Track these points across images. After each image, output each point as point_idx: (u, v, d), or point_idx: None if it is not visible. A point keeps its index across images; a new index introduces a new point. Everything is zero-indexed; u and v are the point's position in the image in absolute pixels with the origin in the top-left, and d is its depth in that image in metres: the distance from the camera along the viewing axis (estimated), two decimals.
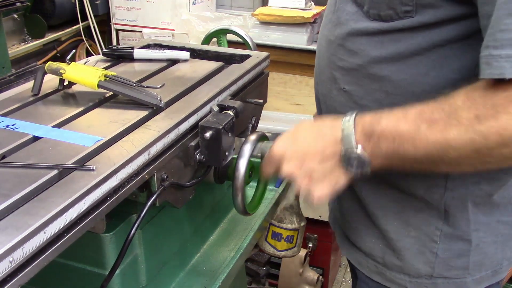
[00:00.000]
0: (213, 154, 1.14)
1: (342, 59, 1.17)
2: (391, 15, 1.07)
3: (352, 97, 1.17)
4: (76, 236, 0.84)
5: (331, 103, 1.23)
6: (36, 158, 0.93)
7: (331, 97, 1.23)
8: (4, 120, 1.07)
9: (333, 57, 1.20)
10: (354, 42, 1.14)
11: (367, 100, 1.15)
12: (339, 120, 1.04)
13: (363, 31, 1.12)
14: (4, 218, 0.77)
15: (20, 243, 0.72)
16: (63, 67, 1.18)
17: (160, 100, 1.14)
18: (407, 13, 1.04)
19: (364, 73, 1.14)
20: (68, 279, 1.18)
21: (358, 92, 1.16)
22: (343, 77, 1.18)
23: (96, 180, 0.87)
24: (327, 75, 1.23)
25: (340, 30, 1.17)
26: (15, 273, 0.73)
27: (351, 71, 1.16)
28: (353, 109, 1.08)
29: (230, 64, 1.49)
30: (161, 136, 1.04)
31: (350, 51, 1.15)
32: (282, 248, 1.58)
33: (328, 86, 1.24)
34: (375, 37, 1.11)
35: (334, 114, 1.18)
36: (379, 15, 1.08)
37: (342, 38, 1.16)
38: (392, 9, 1.06)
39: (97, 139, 1.00)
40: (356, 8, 1.14)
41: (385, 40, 1.10)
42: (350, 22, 1.15)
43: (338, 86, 1.20)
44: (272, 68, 1.56)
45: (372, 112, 1.02)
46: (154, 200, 1.03)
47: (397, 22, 1.06)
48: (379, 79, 1.12)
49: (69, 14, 3.20)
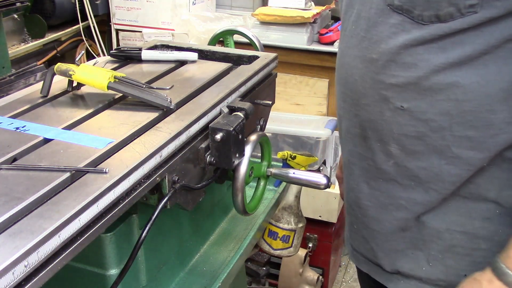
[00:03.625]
0: (224, 156, 1.13)
1: (395, 75, 1.08)
2: (451, 13, 0.98)
3: (413, 114, 1.08)
4: (90, 239, 0.84)
5: (386, 127, 1.13)
6: (47, 161, 0.92)
7: (383, 120, 1.13)
8: (14, 122, 1.07)
9: (381, 75, 1.10)
10: (409, 54, 1.05)
11: (432, 114, 1.07)
12: (495, 280, 1.03)
13: (419, 40, 1.03)
14: (18, 222, 0.76)
15: (35, 247, 0.72)
16: (72, 69, 1.17)
17: (170, 102, 1.14)
18: (472, 8, 0.96)
19: (426, 84, 1.05)
20: (68, 279, 1.17)
21: (419, 107, 1.07)
22: (398, 95, 1.09)
23: (109, 183, 0.86)
24: (374, 97, 1.13)
25: (386, 45, 1.07)
26: (30, 278, 0.72)
27: (408, 86, 1.07)
28: (416, 127, 1.07)
29: (239, 65, 1.49)
30: (172, 138, 1.03)
31: (404, 65, 1.06)
32: (277, 247, 1.58)
33: (377, 110, 1.13)
34: (434, 44, 1.02)
35: (389, 138, 1.13)
36: (437, 16, 1.00)
37: (392, 53, 1.07)
38: (453, 5, 0.97)
39: (109, 141, 0.99)
40: (402, 17, 1.04)
41: (446, 45, 1.02)
42: (398, 33, 1.05)
43: (393, 105, 1.10)
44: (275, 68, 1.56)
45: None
46: (166, 202, 1.03)
47: (459, 21, 0.98)
48: (444, 87, 1.04)
49: (69, 14, 3.20)
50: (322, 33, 3.12)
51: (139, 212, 1.15)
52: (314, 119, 2.93)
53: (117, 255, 1.13)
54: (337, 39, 3.05)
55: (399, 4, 1.03)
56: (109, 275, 1.14)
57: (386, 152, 1.15)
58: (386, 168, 1.17)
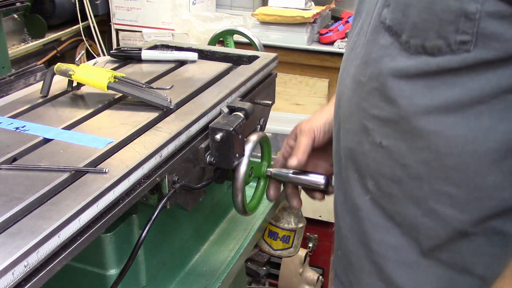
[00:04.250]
0: (224, 156, 1.13)
1: (377, 106, 0.93)
2: (440, 47, 0.81)
3: (392, 154, 0.94)
4: (90, 239, 0.84)
5: (363, 160, 1.00)
6: (47, 161, 0.92)
7: (362, 152, 0.99)
8: (14, 122, 1.06)
9: (365, 102, 0.96)
10: (392, 87, 0.89)
11: (411, 160, 0.91)
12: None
13: (403, 72, 0.87)
14: (18, 222, 0.76)
15: (34, 247, 0.72)
16: (72, 68, 1.17)
17: (170, 102, 1.14)
18: (463, 45, 0.79)
19: (407, 126, 0.89)
20: (68, 279, 1.17)
21: (399, 148, 0.92)
22: (379, 129, 0.94)
23: (109, 183, 0.86)
24: (356, 124, 1.00)
25: (373, 69, 0.92)
26: (29, 278, 0.72)
27: (389, 123, 0.92)
28: (393, 169, 0.94)
29: (239, 65, 1.48)
30: (172, 138, 1.03)
31: (387, 98, 0.91)
32: (277, 247, 1.57)
33: (357, 139, 1.00)
34: (420, 81, 0.86)
35: (366, 173, 1.00)
36: (424, 47, 0.83)
37: (376, 80, 0.92)
38: (442, 38, 0.81)
39: (108, 141, 0.99)
40: (391, 40, 0.88)
41: (433, 84, 0.85)
42: (384, 58, 0.90)
43: (372, 139, 0.96)
44: (275, 68, 1.56)
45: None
46: (165, 203, 1.03)
47: (447, 58, 0.81)
48: (427, 134, 0.88)
49: (69, 14, 3.20)
50: (322, 33, 3.12)
51: (139, 212, 1.15)
52: None
53: (117, 255, 1.13)
54: (337, 39, 3.06)
55: (390, 24, 0.89)
56: (109, 275, 1.14)
57: (363, 185, 1.02)
58: (361, 204, 1.03)
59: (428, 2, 0.80)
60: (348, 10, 3.28)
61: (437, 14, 0.80)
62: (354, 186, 1.04)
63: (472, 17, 0.77)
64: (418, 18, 0.83)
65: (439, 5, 0.79)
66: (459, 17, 0.78)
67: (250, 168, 1.25)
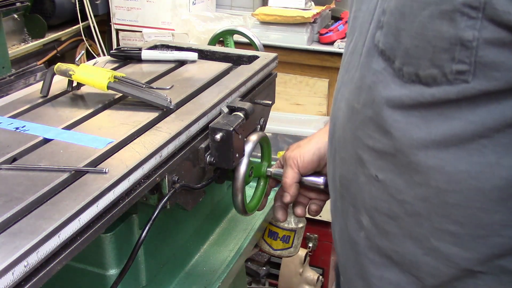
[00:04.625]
0: (224, 156, 1.13)
1: (372, 137, 0.86)
2: (435, 77, 0.74)
3: (387, 188, 0.87)
4: (89, 239, 0.84)
5: (358, 193, 0.93)
6: (47, 161, 0.92)
7: (357, 184, 0.93)
8: (14, 122, 1.07)
9: (359, 131, 0.89)
10: (386, 117, 0.82)
11: (409, 196, 0.84)
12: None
13: (397, 101, 0.80)
14: (18, 222, 0.76)
15: (34, 247, 0.72)
16: (72, 68, 1.17)
17: (170, 102, 1.14)
18: (460, 75, 0.71)
19: (404, 160, 0.82)
20: (68, 279, 1.17)
21: (396, 183, 0.85)
22: (375, 161, 0.88)
23: (109, 183, 0.86)
24: (351, 153, 0.93)
25: (367, 96, 0.85)
26: (29, 278, 0.72)
27: (385, 155, 0.85)
28: (389, 204, 0.87)
29: (239, 65, 1.48)
30: (172, 138, 1.03)
31: (381, 129, 0.83)
32: (277, 247, 1.57)
33: (352, 169, 0.93)
34: (416, 112, 0.78)
35: (361, 207, 0.94)
36: (417, 76, 0.76)
37: (370, 108, 0.84)
38: (437, 67, 0.73)
39: (108, 141, 0.99)
40: (385, 65, 0.81)
41: (430, 116, 0.77)
42: (378, 85, 0.82)
43: (368, 171, 0.89)
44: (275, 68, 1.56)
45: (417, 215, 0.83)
46: (165, 202, 1.03)
47: (444, 88, 0.74)
48: (425, 169, 0.81)
49: (69, 14, 3.20)
50: (322, 33, 3.12)
51: (139, 212, 1.15)
52: (314, 119, 2.93)
53: (117, 255, 1.13)
54: (337, 39, 3.06)
55: (383, 48, 0.81)
56: (109, 275, 1.14)
57: (358, 220, 0.96)
58: (357, 239, 0.98)
59: (420, 27, 0.73)
60: (348, 10, 3.27)
61: (430, 41, 0.73)
62: (350, 219, 0.99)
63: (469, 45, 0.69)
64: (410, 44, 0.75)
65: (431, 31, 0.72)
66: (455, 45, 0.70)
67: (250, 168, 1.25)
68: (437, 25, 0.71)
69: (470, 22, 0.68)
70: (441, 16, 0.70)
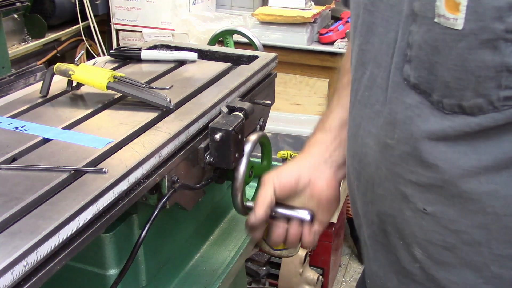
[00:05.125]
0: (223, 156, 1.13)
1: (414, 172, 0.83)
2: (480, 106, 0.72)
3: (439, 221, 0.84)
4: (89, 239, 0.84)
5: (406, 228, 0.90)
6: (47, 161, 0.92)
7: (404, 219, 0.89)
8: (14, 122, 1.07)
9: (398, 168, 0.85)
10: (428, 150, 0.79)
11: (464, 225, 0.82)
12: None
13: (439, 134, 0.77)
14: (17, 222, 0.76)
15: (34, 247, 0.72)
16: (71, 68, 1.17)
17: (170, 102, 1.14)
18: (508, 101, 0.70)
19: (454, 190, 0.80)
20: (68, 279, 1.17)
21: (447, 214, 0.83)
22: (421, 195, 0.84)
23: (109, 183, 0.86)
24: (391, 190, 0.89)
25: (402, 132, 0.82)
26: (29, 277, 0.72)
27: (431, 188, 0.82)
28: (443, 236, 0.85)
29: (238, 65, 1.48)
30: (171, 138, 1.03)
31: (423, 162, 0.81)
32: (277, 247, 1.57)
33: (396, 205, 0.90)
34: (462, 141, 0.76)
35: (412, 241, 0.90)
36: (461, 107, 0.74)
37: (407, 143, 0.82)
38: (482, 97, 0.71)
39: (108, 141, 0.99)
40: (420, 98, 0.78)
41: (478, 143, 0.75)
42: (414, 119, 0.80)
43: (414, 206, 0.86)
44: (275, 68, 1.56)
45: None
46: (165, 202, 1.03)
47: (493, 115, 0.71)
48: (479, 197, 0.78)
49: (69, 14, 3.20)
50: (322, 33, 3.13)
51: (139, 212, 1.14)
52: (314, 119, 2.92)
53: (117, 255, 1.13)
54: (337, 39, 3.06)
55: (415, 83, 0.78)
56: (109, 275, 1.14)
57: (410, 253, 0.92)
58: (412, 270, 0.94)
59: (459, 59, 0.71)
60: (348, 10, 3.28)
61: (472, 72, 0.70)
62: (401, 252, 0.94)
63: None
64: (450, 77, 0.73)
65: (473, 62, 0.70)
66: (500, 72, 0.69)
67: (250, 168, 1.25)
68: (478, 55, 0.69)
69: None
70: (482, 46, 0.69)
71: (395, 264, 0.97)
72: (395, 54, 0.82)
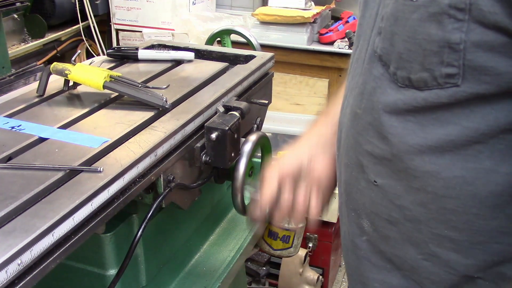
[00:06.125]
0: (219, 155, 1.13)
1: (371, 142, 0.86)
2: (425, 80, 0.74)
3: (386, 194, 0.87)
4: (84, 238, 0.84)
5: (359, 198, 0.93)
6: (42, 160, 0.93)
7: (358, 189, 0.93)
8: (10, 121, 1.07)
9: (360, 137, 0.88)
10: (384, 123, 0.82)
11: (407, 201, 0.84)
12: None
13: (392, 106, 0.80)
14: (12, 220, 0.76)
15: (28, 246, 0.72)
16: (68, 68, 1.17)
17: (166, 101, 1.14)
18: (450, 79, 0.71)
19: (401, 165, 0.82)
20: (68, 279, 1.18)
21: (394, 188, 0.85)
22: (374, 167, 0.87)
23: (104, 182, 0.87)
24: (353, 159, 0.92)
25: (367, 102, 0.85)
26: (23, 276, 0.72)
27: (383, 161, 0.85)
28: (389, 210, 0.87)
29: (235, 64, 1.49)
30: (167, 138, 1.04)
31: (379, 134, 0.84)
32: (277, 247, 1.57)
33: (353, 174, 0.93)
34: (411, 117, 0.78)
35: (362, 212, 0.93)
36: (409, 79, 0.76)
37: (370, 114, 0.84)
38: (427, 71, 0.73)
39: (104, 140, 0.99)
40: (383, 70, 0.80)
41: (426, 121, 0.77)
42: (376, 90, 0.82)
43: (367, 177, 0.89)
44: (272, 68, 1.56)
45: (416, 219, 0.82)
46: (161, 201, 1.03)
47: (435, 92, 0.74)
48: (422, 175, 0.80)
49: (69, 14, 3.20)
50: (322, 33, 3.12)
51: (139, 212, 1.15)
52: None
53: (117, 255, 1.13)
54: (337, 39, 3.06)
55: (380, 54, 0.81)
56: (108, 275, 1.14)
57: (359, 225, 0.95)
58: (358, 243, 0.97)
59: (411, 31, 0.73)
60: (348, 10, 3.27)
61: (420, 44, 0.72)
62: (352, 224, 0.97)
63: (456, 47, 0.69)
64: (403, 48, 0.75)
65: (421, 34, 0.72)
66: (443, 48, 0.70)
67: (250, 168, 1.24)
68: (426, 28, 0.71)
69: (457, 25, 0.68)
70: (429, 18, 0.70)
71: (347, 237, 1.00)
72: (374, 27, 0.84)
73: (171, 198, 1.08)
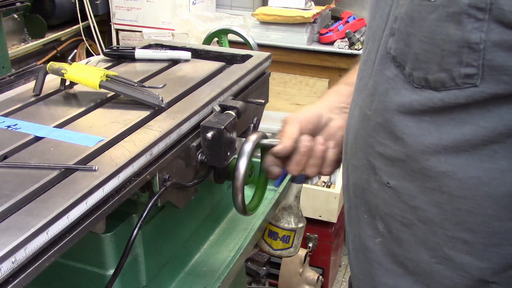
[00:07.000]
0: (215, 154, 1.14)
1: (383, 144, 0.85)
2: (443, 81, 0.73)
3: (400, 196, 0.86)
4: (79, 236, 0.84)
5: (372, 200, 0.92)
6: (38, 159, 0.93)
7: (370, 191, 0.91)
8: (6, 121, 1.07)
9: (371, 139, 0.88)
10: (397, 123, 0.81)
11: (422, 202, 0.83)
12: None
13: (407, 107, 0.79)
14: (6, 219, 0.77)
15: (22, 244, 0.72)
16: (64, 67, 1.18)
17: (162, 100, 1.14)
18: (468, 79, 0.71)
19: (415, 166, 0.82)
20: (68, 279, 1.18)
21: (408, 189, 0.84)
22: (386, 168, 0.87)
23: (98, 181, 0.87)
24: (363, 161, 0.91)
25: (379, 103, 0.84)
26: (17, 274, 0.73)
27: (396, 162, 0.84)
28: (402, 212, 0.86)
29: (232, 64, 1.49)
30: (163, 137, 1.04)
31: (392, 135, 0.83)
32: (277, 247, 1.57)
33: (364, 177, 0.92)
34: (427, 117, 0.78)
35: (376, 214, 0.92)
36: (426, 80, 0.75)
37: (381, 114, 0.84)
38: (445, 71, 0.72)
39: (99, 140, 0.99)
40: (397, 71, 0.80)
41: (441, 121, 0.77)
42: (389, 92, 0.82)
43: (379, 179, 0.88)
44: (272, 68, 1.56)
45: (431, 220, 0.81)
46: (156, 200, 1.03)
47: (453, 92, 0.73)
48: (437, 176, 0.80)
49: (69, 14, 3.21)
50: (322, 33, 3.12)
51: (139, 212, 1.15)
52: None
53: (116, 255, 1.13)
54: (337, 39, 3.06)
55: (394, 55, 0.80)
56: (108, 275, 1.14)
57: (374, 227, 0.94)
58: (371, 246, 0.96)
59: (429, 31, 0.72)
60: (348, 10, 3.28)
61: (438, 45, 0.72)
62: (364, 226, 0.96)
63: (476, 47, 0.68)
64: (420, 48, 0.74)
65: (439, 34, 0.71)
66: (462, 48, 0.70)
67: (250, 168, 1.24)
68: (445, 28, 0.70)
69: (477, 24, 0.68)
70: (448, 18, 0.70)
71: (358, 241, 0.99)
72: (386, 28, 0.83)
73: (167, 197, 1.08)
